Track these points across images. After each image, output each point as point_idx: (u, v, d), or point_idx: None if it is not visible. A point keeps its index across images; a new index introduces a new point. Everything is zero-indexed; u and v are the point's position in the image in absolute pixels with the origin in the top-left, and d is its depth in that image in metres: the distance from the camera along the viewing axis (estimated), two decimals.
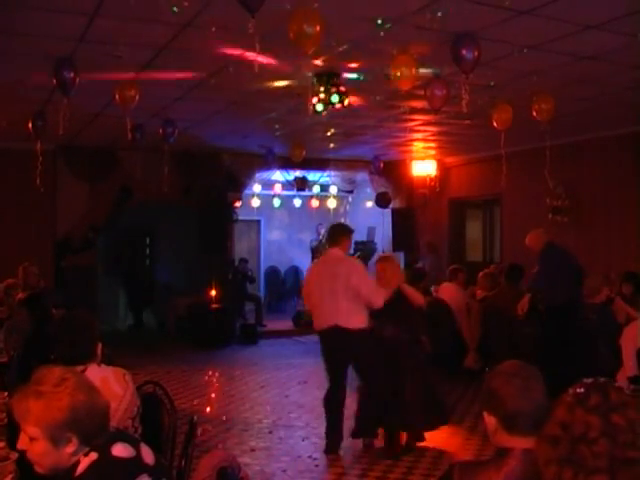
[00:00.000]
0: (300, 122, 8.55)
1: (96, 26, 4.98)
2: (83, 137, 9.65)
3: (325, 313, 5.69)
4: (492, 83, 6.67)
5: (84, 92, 6.18)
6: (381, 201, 12.93)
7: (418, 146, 11.24)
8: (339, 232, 5.97)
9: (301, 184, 12.81)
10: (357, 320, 5.59)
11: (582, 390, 1.43)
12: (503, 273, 8.87)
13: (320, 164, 12.19)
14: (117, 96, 6.30)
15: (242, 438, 6.22)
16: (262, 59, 5.67)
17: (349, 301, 5.55)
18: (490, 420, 2.05)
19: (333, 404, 5.80)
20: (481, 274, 9.01)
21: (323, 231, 14.30)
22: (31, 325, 5.62)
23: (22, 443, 2.03)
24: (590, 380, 1.45)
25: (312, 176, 12.93)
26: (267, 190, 13.69)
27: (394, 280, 5.71)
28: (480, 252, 12.51)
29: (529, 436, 1.96)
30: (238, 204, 12.58)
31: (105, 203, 10.90)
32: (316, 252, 13.75)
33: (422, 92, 6.42)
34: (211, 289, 11.71)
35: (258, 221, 15.28)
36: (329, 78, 6.34)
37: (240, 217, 12.75)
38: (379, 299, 5.53)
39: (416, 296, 5.85)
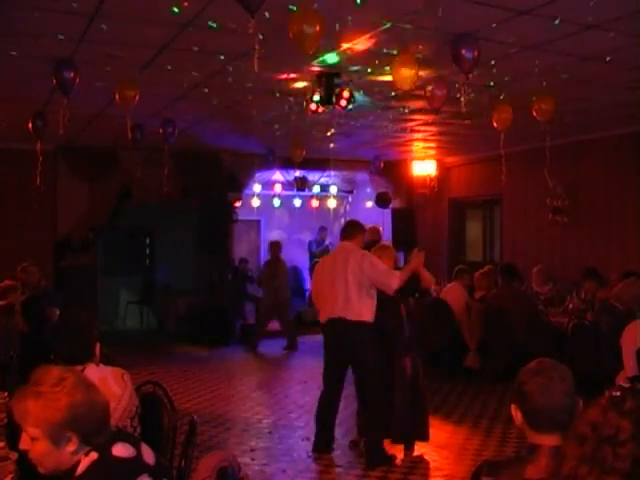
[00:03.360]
0: (300, 122, 8.55)
1: (96, 26, 4.98)
2: (83, 137, 9.65)
3: (333, 304, 5.61)
4: (492, 83, 6.67)
5: (84, 92, 6.18)
6: (381, 201, 12.93)
7: (418, 146, 11.24)
8: (354, 228, 5.90)
9: (301, 184, 12.81)
10: (366, 314, 5.53)
11: (618, 394, 1.43)
12: (499, 273, 8.87)
13: (320, 164, 12.19)
14: (117, 96, 6.30)
15: (242, 438, 6.22)
16: (262, 59, 5.67)
17: (360, 293, 5.50)
18: (517, 414, 2.09)
19: (329, 405, 5.79)
20: (477, 274, 9.02)
21: (329, 239, 14.31)
22: (27, 327, 5.63)
23: (24, 444, 2.04)
24: (627, 385, 1.47)
25: (312, 176, 12.93)
26: (267, 190, 13.68)
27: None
28: (480, 252, 12.50)
29: (554, 434, 1.99)
30: (238, 204, 12.58)
31: (105, 203, 10.90)
32: (316, 256, 13.73)
33: (422, 92, 6.42)
34: (211, 289, 11.71)
35: (258, 221, 15.26)
36: (329, 78, 6.34)
37: (240, 217, 12.74)
38: (394, 281, 5.40)
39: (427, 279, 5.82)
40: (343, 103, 6.38)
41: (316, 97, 6.37)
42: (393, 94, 7.10)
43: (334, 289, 5.58)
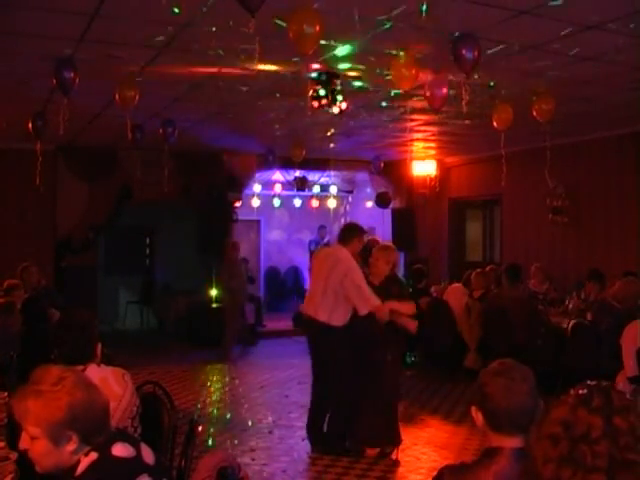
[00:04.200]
0: (300, 122, 8.55)
1: (96, 26, 4.98)
2: (83, 137, 9.65)
3: (311, 301, 5.80)
4: (492, 83, 6.67)
5: (84, 92, 6.18)
6: (381, 201, 12.93)
7: (418, 146, 11.24)
8: (351, 232, 5.89)
9: (301, 184, 12.81)
10: (337, 318, 5.60)
11: (585, 391, 1.43)
12: (504, 273, 8.86)
13: (320, 164, 12.19)
14: (117, 96, 6.30)
15: (242, 438, 6.22)
16: (262, 59, 5.67)
17: (336, 299, 5.58)
18: (477, 415, 2.09)
19: (313, 398, 5.86)
20: (474, 274, 9.01)
21: (327, 237, 14.33)
22: (27, 327, 5.63)
23: (24, 443, 2.04)
24: (593, 382, 1.46)
25: (312, 176, 12.93)
26: (267, 190, 13.69)
27: (384, 271, 5.72)
28: (480, 252, 12.51)
29: (515, 436, 2.00)
30: (238, 204, 12.58)
31: (105, 203, 10.90)
32: None
33: (422, 92, 6.42)
34: (211, 289, 11.72)
35: (258, 221, 15.27)
36: (329, 78, 6.33)
37: (240, 217, 12.75)
38: (365, 308, 5.47)
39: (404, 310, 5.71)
40: (343, 106, 6.40)
41: (322, 92, 6.33)
42: (393, 94, 7.11)
43: (315, 285, 5.79)
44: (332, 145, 10.62)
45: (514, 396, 2.01)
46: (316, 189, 13.66)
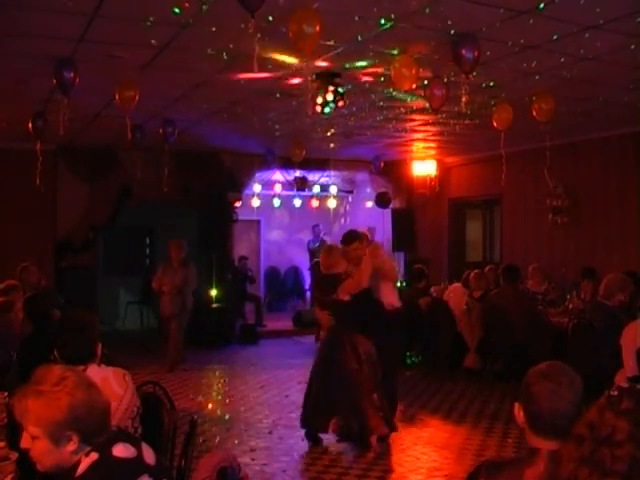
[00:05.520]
0: (300, 122, 8.55)
1: (96, 26, 4.98)
2: (83, 137, 9.65)
3: None
4: (492, 83, 6.68)
5: (84, 92, 6.18)
6: (381, 201, 12.93)
7: (418, 146, 11.24)
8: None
9: (301, 184, 12.81)
10: None
11: (615, 394, 1.43)
12: (502, 273, 8.85)
13: (320, 164, 12.19)
14: (117, 96, 6.30)
15: (242, 438, 6.21)
16: (261, 59, 5.68)
17: None
18: (519, 413, 2.06)
19: None
20: (472, 274, 9.00)
21: (322, 235, 14.34)
22: (30, 326, 5.62)
23: (25, 442, 2.04)
24: (626, 385, 1.47)
25: (312, 176, 12.93)
26: (267, 190, 13.69)
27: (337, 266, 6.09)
28: (480, 252, 12.50)
29: (552, 440, 1.95)
30: (238, 204, 12.57)
31: (105, 203, 10.90)
32: (315, 254, 13.77)
33: (422, 92, 6.43)
34: (211, 289, 11.71)
35: (258, 221, 15.27)
36: (329, 78, 6.33)
37: (240, 217, 12.74)
38: None
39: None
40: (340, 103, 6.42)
41: (328, 97, 6.35)
42: (393, 94, 7.11)
43: None
44: (332, 145, 10.62)
45: (558, 401, 1.97)
46: (316, 189, 13.66)
